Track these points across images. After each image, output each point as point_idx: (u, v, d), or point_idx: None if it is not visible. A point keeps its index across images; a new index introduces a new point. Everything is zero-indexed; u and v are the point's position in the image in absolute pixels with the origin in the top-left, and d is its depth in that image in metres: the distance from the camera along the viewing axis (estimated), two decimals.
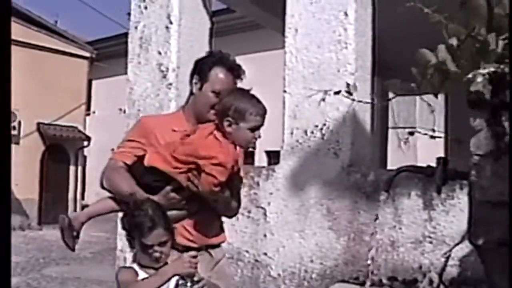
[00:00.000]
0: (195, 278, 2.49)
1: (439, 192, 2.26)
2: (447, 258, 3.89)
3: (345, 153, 4.29)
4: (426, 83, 1.86)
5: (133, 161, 2.87)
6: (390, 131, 11.19)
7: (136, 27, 5.45)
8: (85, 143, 20.17)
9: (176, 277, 2.47)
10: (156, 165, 2.69)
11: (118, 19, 34.48)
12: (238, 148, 2.76)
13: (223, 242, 3.02)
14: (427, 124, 16.33)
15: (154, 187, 2.69)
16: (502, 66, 2.03)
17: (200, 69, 2.94)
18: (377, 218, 2.73)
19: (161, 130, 2.89)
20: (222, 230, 3.02)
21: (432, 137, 3.98)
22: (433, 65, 1.83)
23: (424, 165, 3.05)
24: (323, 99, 3.67)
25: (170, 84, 5.20)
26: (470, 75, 2.06)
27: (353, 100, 2.27)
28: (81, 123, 20.22)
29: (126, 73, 5.46)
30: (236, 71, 2.94)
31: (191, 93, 2.97)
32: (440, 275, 3.91)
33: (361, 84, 4.27)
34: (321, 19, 4.44)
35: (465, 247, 3.81)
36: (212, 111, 2.87)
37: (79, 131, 19.95)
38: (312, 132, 4.40)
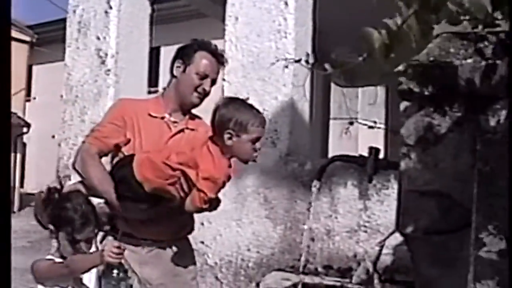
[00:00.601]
0: (122, 268, 2.46)
1: (370, 181, 2.27)
2: (381, 247, 3.94)
3: (283, 143, 4.30)
4: (370, 62, 1.86)
5: (110, 151, 2.79)
6: (332, 121, 11.31)
7: (74, 11, 5.33)
8: (25, 129, 19.69)
9: (101, 267, 2.44)
10: (147, 175, 2.56)
11: (60, 3, 33.66)
12: (233, 164, 2.64)
13: (185, 235, 2.96)
14: (369, 115, 16.57)
15: (126, 196, 2.61)
16: (431, 59, 2.05)
17: (184, 53, 2.91)
18: (310, 207, 2.73)
19: (138, 113, 2.84)
20: (186, 224, 2.95)
21: (370, 127, 3.98)
22: (377, 39, 1.83)
23: (357, 155, 3.07)
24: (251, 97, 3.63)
25: (109, 70, 5.11)
26: (401, 67, 2.07)
27: (311, 69, 2.24)
28: (21, 109, 19.74)
29: None
30: (220, 57, 2.92)
31: (173, 77, 2.92)
32: (374, 263, 3.95)
33: (301, 74, 4.27)
34: (262, 8, 4.43)
35: (399, 236, 3.86)
36: (196, 94, 2.85)
37: (18, 117, 19.45)
38: None
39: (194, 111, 2.98)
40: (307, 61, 2.20)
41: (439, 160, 2.02)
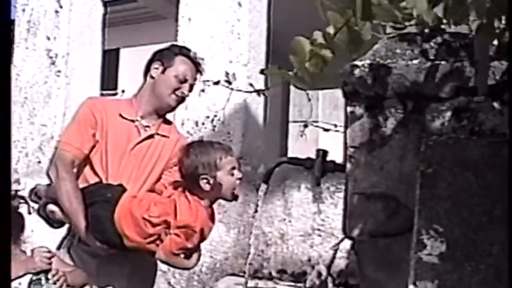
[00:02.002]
0: (50, 274, 2.39)
1: (318, 184, 2.27)
2: (335, 251, 3.94)
3: (236, 146, 4.27)
4: (303, 71, 1.84)
5: (86, 156, 2.69)
6: (292, 124, 11.35)
7: (23, 10, 5.23)
8: None
9: (30, 275, 2.37)
10: (128, 231, 2.48)
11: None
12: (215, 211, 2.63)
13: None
14: (329, 118, 16.68)
15: (95, 236, 2.53)
16: (377, 59, 2.04)
17: (163, 55, 2.85)
18: (256, 211, 2.72)
19: (108, 113, 2.75)
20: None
21: (325, 129, 3.99)
22: (310, 52, 1.80)
23: (312, 156, 3.05)
24: (203, 90, 3.60)
25: (59, 71, 5.02)
26: (347, 66, 2.06)
27: (232, 89, 2.22)
28: None
29: None
30: (199, 65, 2.88)
31: (151, 78, 2.84)
32: (329, 267, 3.96)
33: (254, 76, 4.26)
34: (215, 9, 4.40)
35: None
36: (174, 96, 2.78)
37: None
38: (203, 123, 4.38)
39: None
40: (227, 81, 2.17)
41: (384, 162, 2.02)
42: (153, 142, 2.78)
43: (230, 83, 2.32)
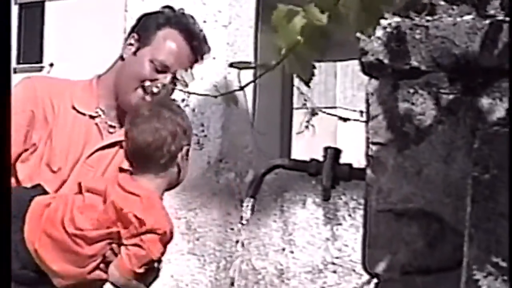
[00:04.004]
0: None
1: (326, 198, 2.25)
2: None
3: (213, 143, 4.31)
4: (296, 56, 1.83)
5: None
6: (297, 112, 11.28)
7: None
8: None
9: None
10: (53, 265, 2.50)
11: None
12: None
13: None
14: (353, 103, 16.67)
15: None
16: (410, 15, 2.04)
17: (143, 27, 2.84)
18: (239, 240, 2.74)
19: (55, 102, 2.75)
20: None
21: (343, 119, 4.01)
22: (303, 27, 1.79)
23: (319, 158, 3.05)
24: None
25: None
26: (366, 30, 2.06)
27: (188, 93, 2.23)
28: None
29: None
30: (197, 42, 2.84)
31: (120, 58, 2.84)
32: None
33: (239, 43, 4.29)
34: None
35: None
36: (140, 92, 2.74)
37: None
38: None
39: None
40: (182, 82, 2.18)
41: (422, 166, 2.03)
42: (119, 152, 2.77)
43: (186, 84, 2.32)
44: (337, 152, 2.36)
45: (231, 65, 2.34)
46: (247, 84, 2.02)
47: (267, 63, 1.84)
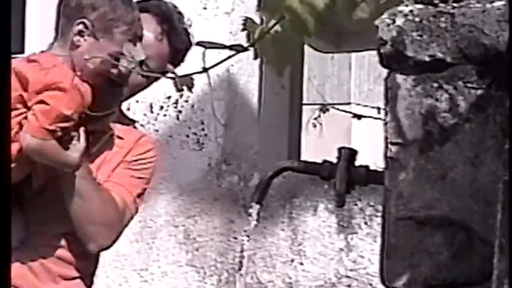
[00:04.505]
0: None
1: (340, 204, 2.24)
2: None
3: (214, 143, 4.30)
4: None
5: None
6: (306, 108, 11.22)
7: None
8: None
9: None
10: None
11: None
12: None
13: None
14: (369, 98, 16.60)
15: None
16: (430, 7, 2.04)
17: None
18: (244, 249, 2.73)
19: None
20: None
21: (358, 116, 4.02)
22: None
23: (332, 160, 3.04)
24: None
25: None
26: (384, 14, 2.07)
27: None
28: None
29: None
30: (172, 33, 2.96)
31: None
32: None
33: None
34: None
35: None
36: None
37: None
38: (162, 108, 4.43)
39: None
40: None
41: (447, 168, 2.02)
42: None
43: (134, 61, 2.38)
44: (352, 153, 2.36)
45: (198, 43, 2.35)
46: (212, 66, 2.03)
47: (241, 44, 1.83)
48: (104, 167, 2.95)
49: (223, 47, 2.15)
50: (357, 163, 2.40)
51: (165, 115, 4.44)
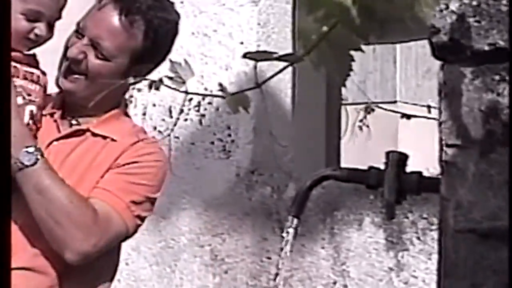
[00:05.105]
0: None
1: (390, 217, 2.24)
2: None
3: (242, 150, 4.31)
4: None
5: None
6: (346, 108, 11.24)
7: None
8: None
9: None
10: None
11: None
12: None
13: None
14: (418, 96, 16.65)
15: None
16: None
17: None
18: (279, 269, 2.73)
19: None
20: None
21: (407, 116, 4.00)
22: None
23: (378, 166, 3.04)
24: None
25: None
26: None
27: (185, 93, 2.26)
28: None
29: None
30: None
31: None
32: None
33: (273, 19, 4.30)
34: None
35: None
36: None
37: None
38: (182, 112, 4.42)
39: None
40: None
41: None
42: (83, 143, 3.02)
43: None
44: (402, 157, 2.36)
45: (245, 55, 2.34)
46: (264, 81, 2.04)
47: (296, 53, 1.83)
48: (91, 174, 3.01)
49: (276, 58, 2.13)
50: (407, 169, 2.39)
51: (186, 120, 4.44)
